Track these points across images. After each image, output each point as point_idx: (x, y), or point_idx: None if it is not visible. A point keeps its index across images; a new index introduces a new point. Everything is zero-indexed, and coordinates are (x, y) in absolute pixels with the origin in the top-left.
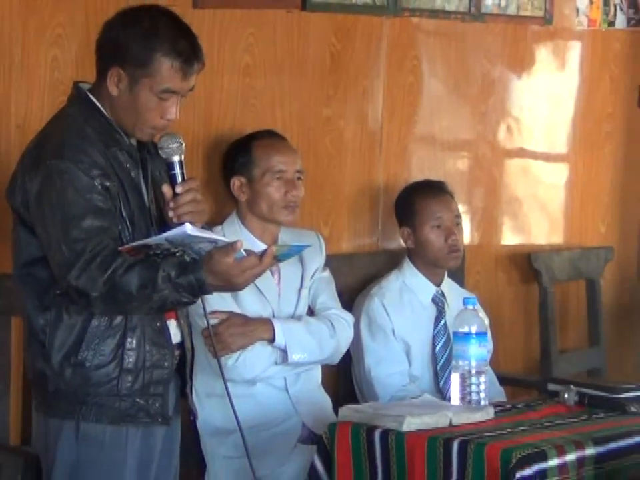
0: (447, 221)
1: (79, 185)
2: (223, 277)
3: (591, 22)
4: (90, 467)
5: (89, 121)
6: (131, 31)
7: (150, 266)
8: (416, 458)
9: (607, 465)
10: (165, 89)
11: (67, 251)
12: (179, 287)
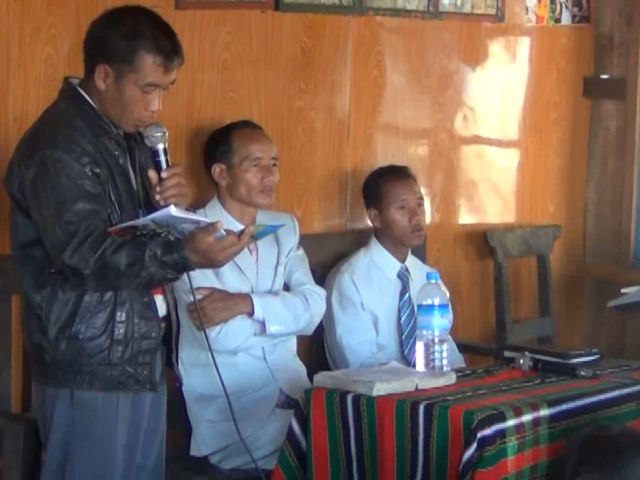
0: (410, 203)
1: (70, 172)
2: (204, 254)
3: (539, 19)
4: (84, 430)
5: (79, 113)
6: (115, 30)
7: (137, 245)
8: (385, 420)
9: (560, 424)
10: (148, 83)
11: (61, 233)
12: (164, 265)
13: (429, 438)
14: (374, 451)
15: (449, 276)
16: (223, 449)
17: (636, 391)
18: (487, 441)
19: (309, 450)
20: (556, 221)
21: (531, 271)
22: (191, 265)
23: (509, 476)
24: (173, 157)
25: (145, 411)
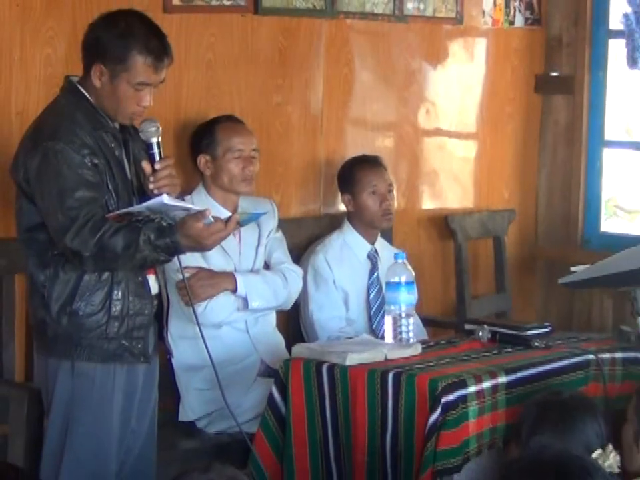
0: (381, 189)
1: (71, 162)
2: (194, 239)
3: (495, 21)
4: (83, 398)
5: (79, 108)
6: (109, 32)
7: (133, 230)
8: (358, 388)
9: (516, 390)
10: (140, 81)
11: (63, 218)
12: (157, 248)
13: (397, 403)
14: (347, 415)
15: (414, 256)
16: (209, 414)
17: (584, 360)
18: (450, 405)
19: (288, 415)
20: (510, 206)
21: (488, 252)
22: (181, 249)
23: (470, 437)
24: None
25: (139, 381)
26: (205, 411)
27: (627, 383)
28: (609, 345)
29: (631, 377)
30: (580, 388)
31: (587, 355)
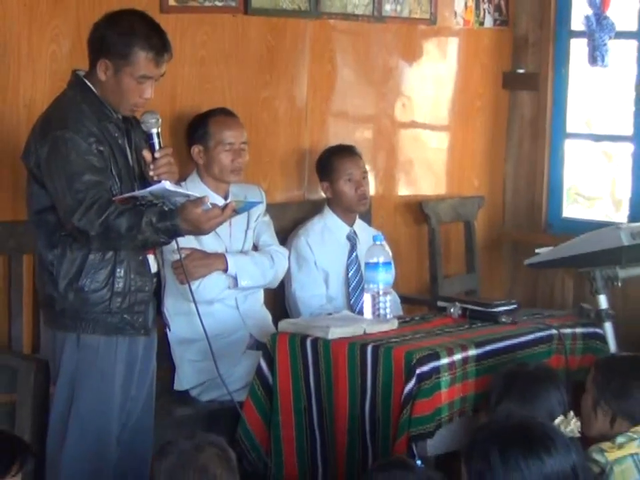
0: (356, 176)
1: (79, 149)
2: (193, 223)
3: (466, 22)
4: (88, 368)
5: (85, 100)
6: (113, 30)
7: (136, 213)
8: (339, 360)
9: (485, 362)
10: (142, 75)
11: (71, 200)
12: (158, 230)
13: (375, 374)
14: (329, 385)
15: (391, 239)
16: (202, 384)
17: (548, 335)
18: (424, 376)
19: (274, 385)
20: (480, 193)
21: (459, 235)
22: (181, 232)
23: (442, 406)
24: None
25: (139, 353)
26: (198, 381)
27: (587, 356)
28: (570, 321)
29: (591, 351)
30: (544, 360)
31: (550, 330)
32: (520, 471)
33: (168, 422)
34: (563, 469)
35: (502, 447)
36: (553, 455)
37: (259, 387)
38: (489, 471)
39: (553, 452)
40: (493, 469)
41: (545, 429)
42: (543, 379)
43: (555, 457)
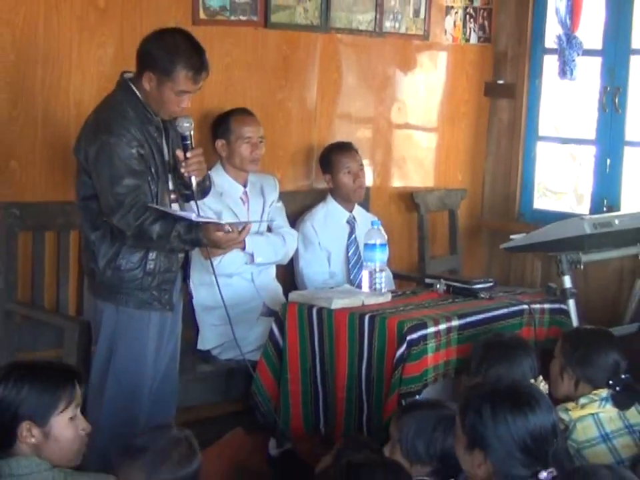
0: (354, 169)
1: (121, 154)
2: (213, 243)
3: (454, 39)
4: (124, 331)
5: (130, 104)
6: (159, 47)
7: (169, 223)
8: (340, 327)
9: (467, 332)
10: (181, 90)
11: (112, 201)
12: (184, 241)
13: (371, 340)
14: (332, 348)
15: (386, 224)
16: (221, 345)
17: (520, 309)
18: (413, 342)
19: (284, 347)
20: (463, 186)
21: (444, 222)
22: (202, 245)
23: (428, 368)
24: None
25: (168, 321)
26: (218, 342)
27: (553, 328)
28: (539, 298)
29: (556, 324)
30: (516, 331)
31: (521, 305)
32: (507, 425)
33: (192, 376)
34: (544, 425)
35: (492, 404)
36: (536, 413)
37: (271, 348)
38: (480, 424)
39: (536, 410)
40: (484, 422)
41: (531, 391)
42: (517, 347)
43: (538, 414)
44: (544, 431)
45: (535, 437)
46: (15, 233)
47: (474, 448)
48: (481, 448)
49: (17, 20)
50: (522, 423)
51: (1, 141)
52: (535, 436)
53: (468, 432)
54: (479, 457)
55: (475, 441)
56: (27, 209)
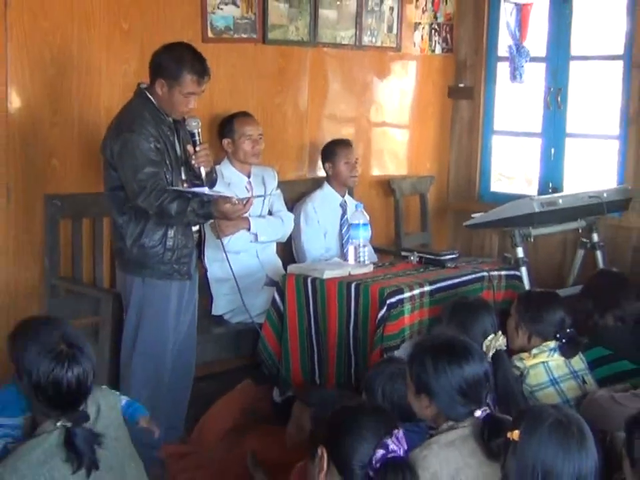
0: (351, 160)
1: (142, 147)
2: (222, 214)
3: (422, 50)
4: (150, 301)
5: (146, 108)
6: (168, 58)
7: (184, 201)
8: (331, 293)
9: (436, 296)
10: (188, 92)
11: (136, 186)
12: (198, 215)
13: (357, 304)
14: (324, 311)
15: (368, 207)
16: (232, 310)
17: (481, 276)
18: (392, 305)
19: (285, 311)
20: (431, 173)
21: (416, 204)
22: (214, 217)
23: (405, 327)
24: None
25: (186, 289)
26: (229, 308)
27: (508, 291)
28: (496, 266)
29: (511, 287)
30: (478, 294)
31: (482, 272)
32: (445, 373)
33: (207, 337)
34: (477, 373)
35: (433, 357)
36: (470, 363)
37: (273, 313)
38: (424, 373)
39: (470, 361)
40: (427, 372)
41: (466, 345)
42: (480, 307)
43: (471, 364)
44: (477, 378)
45: (470, 382)
46: (57, 221)
47: (421, 393)
48: (426, 393)
49: (55, 41)
50: (458, 371)
51: (44, 143)
52: (470, 382)
53: (415, 381)
54: (425, 400)
55: (421, 387)
56: (66, 200)
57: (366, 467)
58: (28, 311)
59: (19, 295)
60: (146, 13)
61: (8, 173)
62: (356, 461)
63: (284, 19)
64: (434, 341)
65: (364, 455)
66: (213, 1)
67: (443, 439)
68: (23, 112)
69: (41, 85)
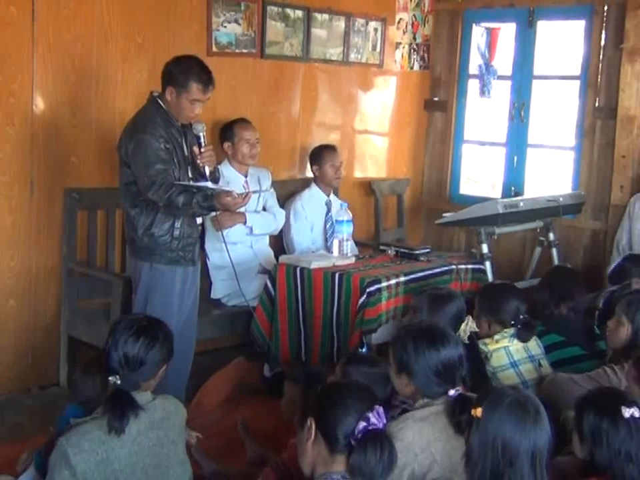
0: (336, 163)
1: (153, 147)
2: (224, 205)
3: (402, 67)
4: (157, 284)
5: (157, 113)
6: (177, 69)
7: (190, 194)
8: (317, 282)
9: (410, 285)
10: (194, 99)
11: (147, 181)
12: (202, 207)
13: (340, 291)
14: (311, 297)
15: (352, 205)
16: (228, 294)
17: (450, 269)
18: (371, 293)
19: (275, 296)
20: (407, 176)
21: (394, 204)
22: (216, 209)
23: (382, 312)
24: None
25: (189, 275)
26: (226, 292)
27: (474, 283)
28: (464, 260)
29: (476, 279)
30: (448, 285)
31: (451, 265)
32: (424, 355)
33: (206, 318)
34: (452, 357)
35: (414, 341)
36: (446, 347)
37: (265, 297)
38: (405, 354)
39: (446, 345)
40: (408, 354)
41: (443, 331)
42: (450, 297)
43: (447, 349)
44: (452, 361)
45: (445, 364)
46: (75, 212)
47: (401, 373)
48: (406, 373)
49: (76, 52)
50: (435, 354)
51: (65, 142)
52: (445, 364)
53: (397, 361)
54: (405, 379)
55: (402, 367)
56: (83, 194)
57: (349, 436)
58: (48, 290)
59: (40, 276)
60: (158, 29)
61: (32, 169)
62: (340, 431)
63: (280, 37)
64: (416, 327)
65: (348, 426)
66: (218, 19)
67: (417, 415)
68: (47, 114)
69: (63, 90)
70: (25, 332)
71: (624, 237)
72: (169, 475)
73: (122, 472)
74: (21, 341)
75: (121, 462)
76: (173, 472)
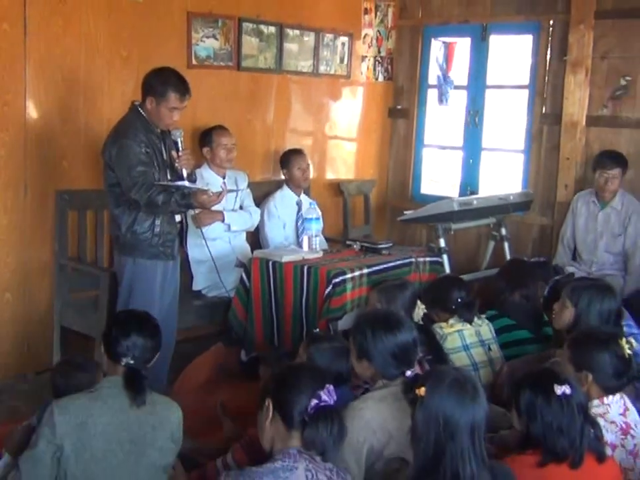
0: (303, 166)
1: (134, 150)
2: (200, 203)
3: (367, 78)
4: (139, 277)
5: (138, 120)
6: (156, 79)
7: (168, 193)
8: (288, 274)
9: (372, 277)
10: (172, 107)
11: (130, 182)
12: (180, 205)
13: (309, 283)
14: (282, 288)
15: (321, 204)
16: (208, 286)
17: (410, 261)
18: (337, 284)
19: (250, 287)
20: (373, 178)
21: (361, 203)
22: (193, 207)
23: (347, 301)
24: (185, 143)
25: (169, 269)
26: (206, 284)
27: (432, 274)
28: (423, 253)
29: (434, 271)
30: (407, 276)
31: (411, 258)
32: (382, 341)
33: (188, 308)
34: (407, 341)
35: (372, 327)
36: (402, 332)
37: (241, 288)
38: (364, 341)
39: (402, 330)
40: (367, 340)
41: (398, 317)
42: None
43: (403, 333)
44: (407, 344)
45: (401, 348)
46: (66, 212)
47: (362, 357)
48: (366, 357)
49: (65, 64)
50: (392, 339)
51: (56, 147)
52: (401, 347)
53: (357, 346)
54: (365, 363)
55: (362, 352)
56: (73, 195)
57: (303, 413)
58: (41, 284)
59: (34, 271)
60: (141, 43)
61: (25, 172)
62: (295, 410)
63: (255, 51)
64: (373, 315)
65: (301, 404)
66: (197, 34)
67: (377, 395)
68: (39, 122)
69: (54, 100)
70: (21, 322)
71: (568, 231)
72: (145, 454)
73: (96, 438)
74: (17, 330)
75: (97, 428)
76: (150, 453)
